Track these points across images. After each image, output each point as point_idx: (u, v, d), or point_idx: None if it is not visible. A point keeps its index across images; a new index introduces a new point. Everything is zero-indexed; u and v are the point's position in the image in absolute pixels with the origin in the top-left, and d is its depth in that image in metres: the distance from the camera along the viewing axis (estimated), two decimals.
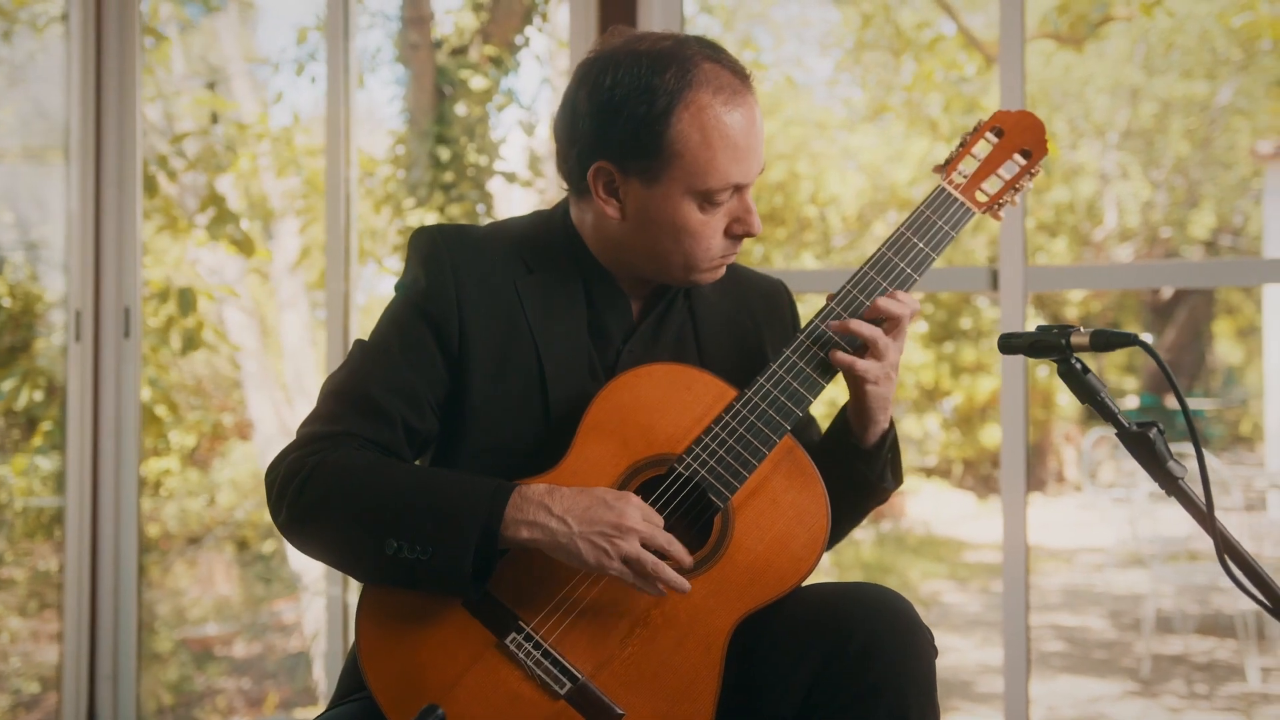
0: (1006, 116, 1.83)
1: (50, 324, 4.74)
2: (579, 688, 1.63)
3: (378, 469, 1.63)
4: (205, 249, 6.39)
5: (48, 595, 4.79)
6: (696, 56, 1.68)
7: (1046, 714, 6.07)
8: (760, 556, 1.66)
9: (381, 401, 1.68)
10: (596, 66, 1.70)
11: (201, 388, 7.45)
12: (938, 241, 1.76)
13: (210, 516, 7.44)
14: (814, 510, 1.69)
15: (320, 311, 8.36)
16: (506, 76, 6.43)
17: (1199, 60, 11.84)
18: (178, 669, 6.43)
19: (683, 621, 1.64)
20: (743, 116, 1.68)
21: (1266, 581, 1.35)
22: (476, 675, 1.63)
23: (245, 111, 6.88)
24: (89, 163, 3.99)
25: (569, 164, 1.75)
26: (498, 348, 1.73)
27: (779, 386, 1.69)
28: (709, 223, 1.70)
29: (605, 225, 1.75)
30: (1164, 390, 14.79)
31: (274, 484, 1.67)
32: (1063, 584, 9.25)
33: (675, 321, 1.83)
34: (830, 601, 1.65)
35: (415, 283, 1.74)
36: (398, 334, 1.73)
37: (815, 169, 11.63)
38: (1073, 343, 1.50)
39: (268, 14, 7.68)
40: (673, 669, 1.63)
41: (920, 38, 10.14)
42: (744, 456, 1.66)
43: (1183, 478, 1.40)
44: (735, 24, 11.55)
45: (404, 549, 1.58)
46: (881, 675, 1.57)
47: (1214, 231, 12.94)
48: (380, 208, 6.57)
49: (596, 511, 1.58)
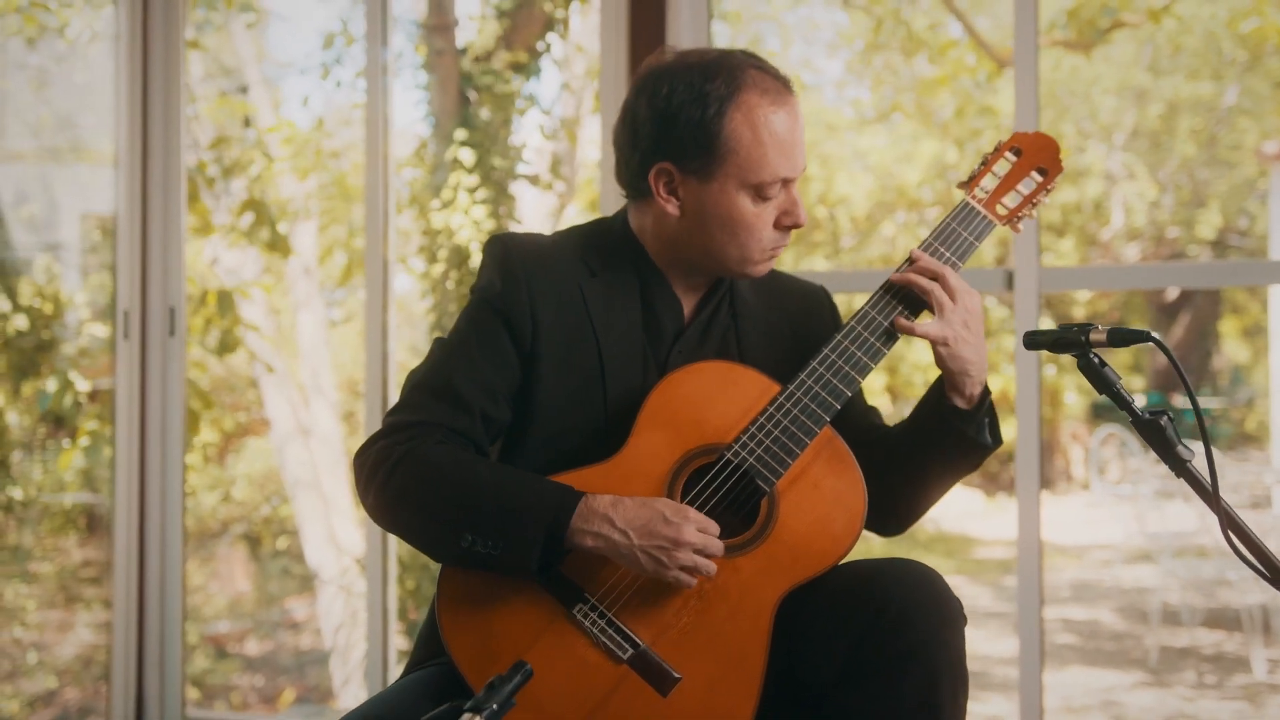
0: (1024, 138, 1.99)
1: (66, 324, 4.88)
2: (640, 654, 1.77)
3: (458, 465, 1.78)
4: (223, 249, 6.52)
5: (73, 589, 4.93)
6: (743, 64, 1.85)
7: (1060, 703, 6.21)
8: (803, 536, 1.81)
9: (463, 393, 1.83)
10: (652, 79, 1.87)
11: (221, 386, 7.58)
12: (963, 252, 1.91)
13: (226, 513, 7.56)
14: (852, 494, 1.84)
15: (334, 311, 8.50)
16: (528, 82, 6.57)
17: (1205, 61, 11.93)
18: (198, 663, 6.55)
19: (734, 595, 1.79)
20: (787, 115, 1.85)
21: (1268, 555, 1.49)
22: (547, 642, 1.78)
23: (263, 115, 7.02)
24: (135, 169, 4.14)
25: (630, 169, 1.91)
26: (564, 344, 1.88)
27: (819, 382, 1.84)
28: (760, 215, 1.86)
29: (665, 224, 1.91)
30: (1170, 389, 14.89)
31: (363, 469, 1.82)
32: (1073, 579, 9.39)
33: (721, 323, 1.98)
34: (866, 575, 1.79)
35: (491, 285, 1.89)
36: (475, 332, 1.88)
37: (825, 170, 11.74)
38: (1091, 339, 1.66)
39: (282, 19, 7.83)
40: (725, 638, 1.78)
41: (931, 40, 10.26)
42: (787, 445, 1.81)
43: (1190, 460, 1.55)
44: (746, 26, 11.64)
45: (477, 543, 1.74)
46: (914, 642, 1.70)
47: (1220, 232, 13.03)
48: (405, 210, 6.71)
49: (655, 526, 1.72)
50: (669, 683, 1.77)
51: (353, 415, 7.81)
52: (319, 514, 6.97)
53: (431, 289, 6.47)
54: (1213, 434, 14.09)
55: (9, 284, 4.73)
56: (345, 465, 6.97)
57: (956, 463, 1.92)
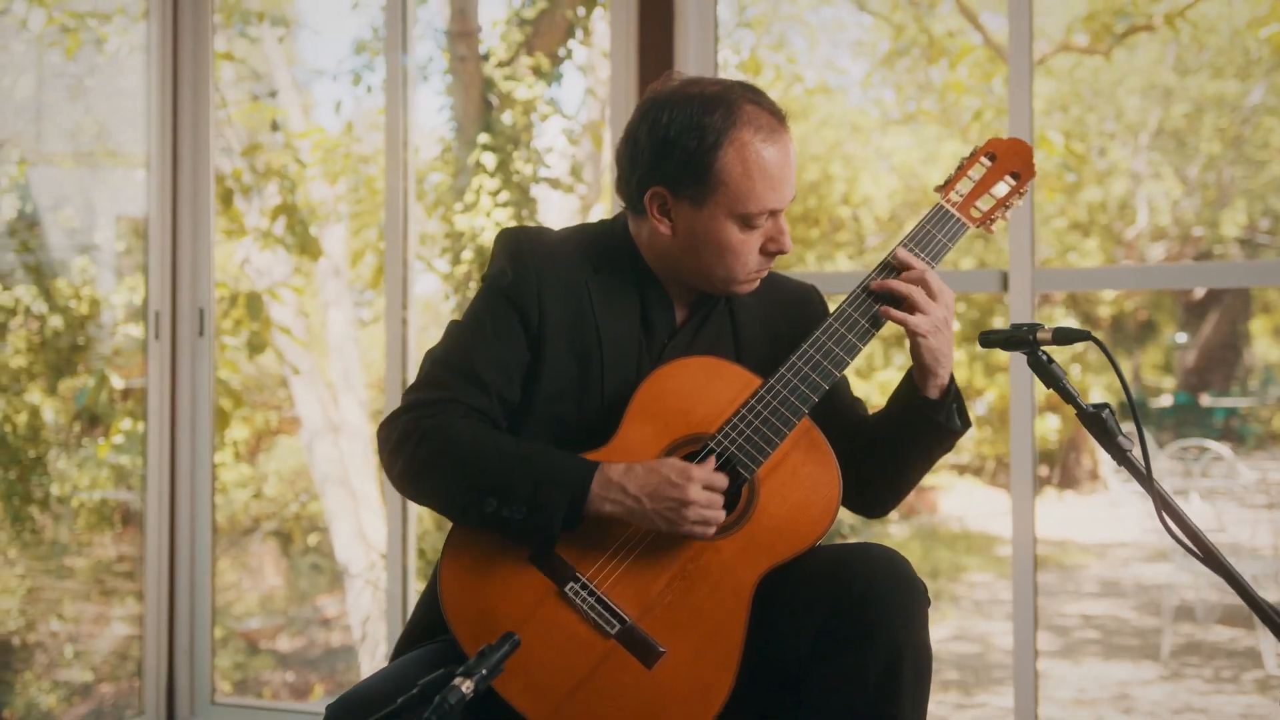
0: (999, 143, 2.11)
1: (101, 324, 4.98)
2: (627, 629, 1.90)
3: (484, 438, 1.92)
4: (254, 250, 6.66)
5: (108, 583, 5.06)
6: (740, 100, 1.98)
7: (1077, 695, 6.31)
8: (781, 520, 1.94)
9: (482, 374, 1.98)
10: (655, 105, 2.00)
11: (252, 385, 7.72)
12: (938, 253, 2.03)
13: (257, 509, 7.69)
14: (828, 481, 1.97)
15: (362, 310, 8.65)
16: (550, 87, 6.72)
17: (1230, 60, 11.95)
18: (229, 657, 6.69)
19: (715, 575, 1.92)
20: (778, 151, 1.97)
21: (1199, 535, 1.61)
22: (540, 617, 1.91)
23: (294, 120, 7.17)
24: (166, 174, 4.28)
25: (629, 187, 2.05)
26: (567, 334, 2.02)
27: (799, 376, 1.96)
28: (747, 241, 1.99)
29: (657, 240, 2.04)
30: (1198, 389, 14.88)
31: (388, 441, 1.97)
32: (1096, 576, 9.47)
33: (715, 325, 2.12)
34: (838, 558, 1.92)
35: (503, 274, 2.04)
36: (490, 316, 2.02)
37: (849, 170, 11.81)
38: (1038, 338, 1.79)
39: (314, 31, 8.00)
40: (706, 614, 1.90)
41: (951, 46, 10.32)
42: (767, 435, 1.94)
43: (1130, 450, 1.66)
44: (770, 28, 11.71)
45: (503, 509, 1.87)
46: (878, 617, 1.84)
47: (1246, 230, 13.03)
48: (430, 212, 6.86)
49: (664, 489, 1.86)
50: (654, 656, 1.89)
51: (381, 412, 7.92)
52: (348, 510, 7.11)
53: (455, 289, 6.62)
54: (1240, 433, 14.12)
55: (47, 285, 4.86)
56: (374, 461, 7.10)
57: (930, 447, 2.05)
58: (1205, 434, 13.60)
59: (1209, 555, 1.60)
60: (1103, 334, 13.98)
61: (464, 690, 1.45)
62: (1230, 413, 14.54)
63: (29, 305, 4.83)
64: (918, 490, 11.94)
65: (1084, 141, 12.76)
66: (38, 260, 4.84)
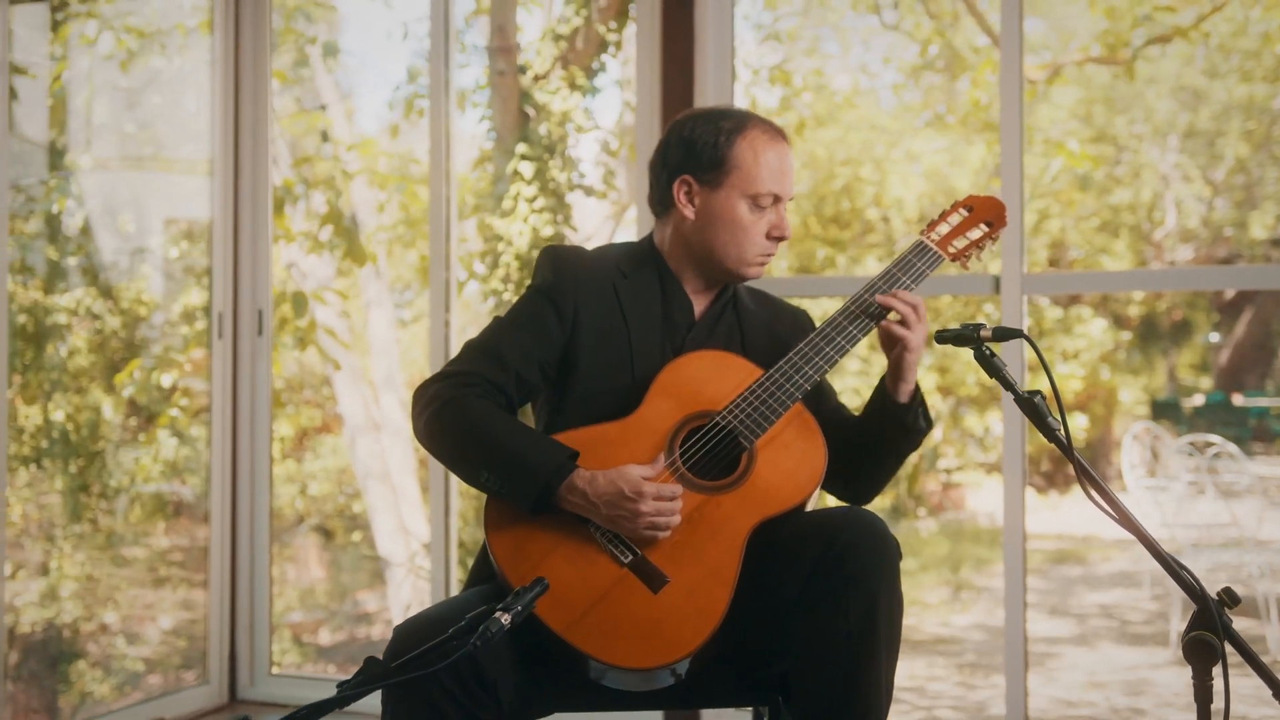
0: (977, 199, 2.53)
1: (154, 324, 5.17)
2: (638, 560, 2.25)
3: (489, 417, 2.30)
4: (299, 254, 6.88)
5: (161, 571, 5.25)
6: (749, 114, 2.47)
7: (1085, 678, 6.59)
8: (774, 483, 2.31)
9: (504, 356, 2.38)
10: (680, 123, 2.50)
11: (296, 384, 8.03)
12: (918, 278, 2.44)
13: (301, 506, 7.97)
14: (815, 454, 2.36)
15: (403, 311, 8.97)
16: (584, 99, 7.05)
17: (1259, 63, 12.10)
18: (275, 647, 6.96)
19: (716, 521, 2.28)
20: (779, 152, 2.45)
21: (1117, 503, 1.91)
22: (566, 547, 2.27)
23: (339, 128, 7.49)
24: (229, 183, 4.61)
25: (660, 186, 2.49)
26: (600, 329, 2.43)
27: (795, 369, 2.35)
28: (755, 223, 2.42)
29: (681, 228, 2.48)
30: (1231, 389, 15.01)
31: (418, 402, 2.36)
32: (1115, 570, 9.72)
33: (726, 324, 2.54)
34: (823, 518, 2.28)
35: (545, 280, 2.46)
36: (526, 312, 2.44)
37: (879, 173, 12.05)
38: (981, 336, 2.13)
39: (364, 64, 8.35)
40: (706, 553, 2.26)
41: (973, 60, 10.58)
42: (766, 414, 2.32)
43: (1058, 430, 1.97)
44: (803, 31, 11.93)
45: (491, 481, 2.27)
46: (856, 568, 2.17)
47: (1275, 231, 13.15)
48: (469, 218, 7.18)
49: (619, 500, 2.21)
50: (659, 582, 2.24)
51: None
52: (389, 504, 7.40)
53: (493, 291, 6.95)
54: (1272, 432, 14.28)
55: (104, 287, 5.06)
56: (415, 458, 7.41)
57: (900, 444, 2.44)
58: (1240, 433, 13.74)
59: (1124, 518, 1.91)
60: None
61: (504, 622, 1.78)
62: (1263, 412, 14.68)
63: (89, 306, 5.03)
64: (946, 488, 12.22)
65: (1114, 145, 12.96)
66: (94, 263, 5.03)
